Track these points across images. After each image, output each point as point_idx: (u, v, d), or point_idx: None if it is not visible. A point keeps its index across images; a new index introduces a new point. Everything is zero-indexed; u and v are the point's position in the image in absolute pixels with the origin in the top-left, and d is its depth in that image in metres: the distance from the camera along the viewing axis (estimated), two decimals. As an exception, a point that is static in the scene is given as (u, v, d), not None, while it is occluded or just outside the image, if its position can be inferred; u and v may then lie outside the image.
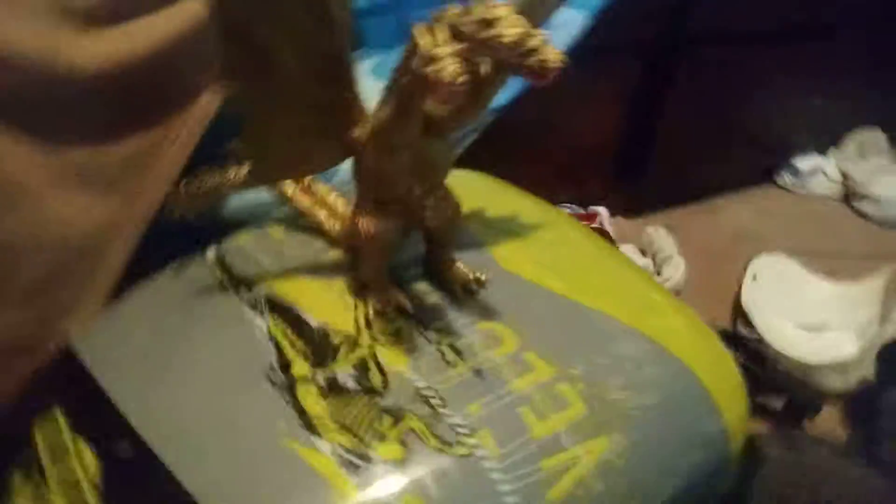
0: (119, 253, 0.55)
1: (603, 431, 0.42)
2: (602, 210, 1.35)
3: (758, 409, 0.96)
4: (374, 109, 0.41)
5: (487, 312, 0.47)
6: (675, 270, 1.22)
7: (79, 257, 0.54)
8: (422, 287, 0.49)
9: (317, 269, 0.50)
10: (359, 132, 0.42)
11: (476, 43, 0.33)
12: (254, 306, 0.47)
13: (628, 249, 1.30)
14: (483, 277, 0.48)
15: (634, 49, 1.33)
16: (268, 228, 0.55)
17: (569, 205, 1.36)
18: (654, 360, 0.47)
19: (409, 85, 0.36)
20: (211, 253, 0.52)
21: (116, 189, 0.55)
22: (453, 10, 0.33)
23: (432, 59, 0.32)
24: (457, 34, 0.33)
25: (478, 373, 0.43)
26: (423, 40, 0.33)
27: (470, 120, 0.41)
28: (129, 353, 0.46)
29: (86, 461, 0.40)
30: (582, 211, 1.33)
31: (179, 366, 0.43)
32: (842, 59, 1.54)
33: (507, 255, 0.53)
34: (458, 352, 0.44)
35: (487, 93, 0.40)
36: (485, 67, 0.37)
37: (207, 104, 0.56)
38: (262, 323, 0.45)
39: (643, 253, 1.31)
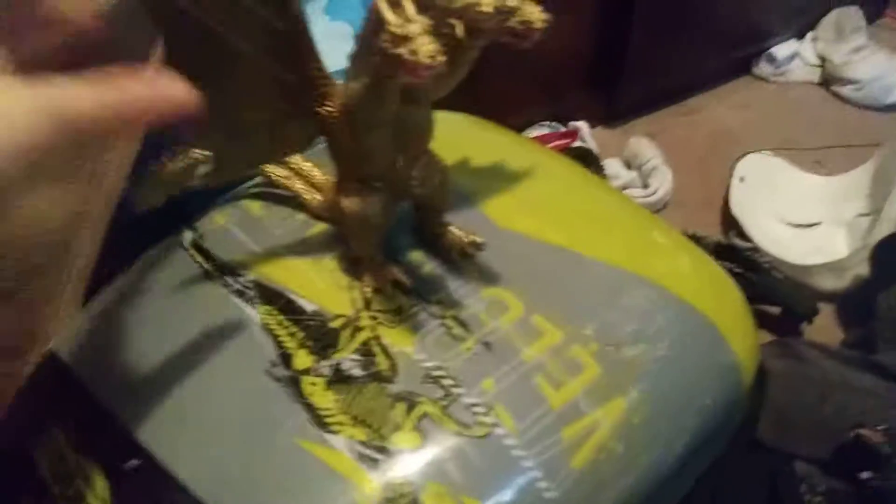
0: (89, 242, 0.53)
1: (619, 391, 0.41)
2: (582, 124, 1.32)
3: (756, 320, 0.97)
4: (346, 82, 0.38)
5: (489, 277, 0.45)
6: (662, 181, 1.21)
7: (50, 249, 0.52)
8: (417, 257, 0.46)
9: (304, 247, 0.48)
10: (330, 108, 0.39)
11: (449, 14, 0.29)
12: (242, 295, 0.44)
13: (613, 164, 1.28)
14: (479, 240, 0.45)
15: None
16: (245, 204, 0.52)
17: (547, 123, 1.33)
18: (662, 306, 0.46)
19: (381, 64, 0.33)
20: (187, 237, 0.49)
21: (77, 176, 0.53)
22: None
23: (404, 39, 0.29)
24: (425, 4, 0.30)
25: (487, 345, 0.41)
26: (390, 16, 0.30)
27: (453, 83, 0.38)
28: (119, 359, 0.43)
29: (93, 481, 0.39)
30: (562, 128, 1.30)
31: (176, 369, 0.41)
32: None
33: (500, 209, 0.50)
34: (463, 325, 0.42)
35: (468, 54, 0.36)
36: (459, 29, 0.34)
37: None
38: (255, 313, 0.43)
39: (628, 166, 1.29)
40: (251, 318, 0.43)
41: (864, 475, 0.61)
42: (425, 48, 0.29)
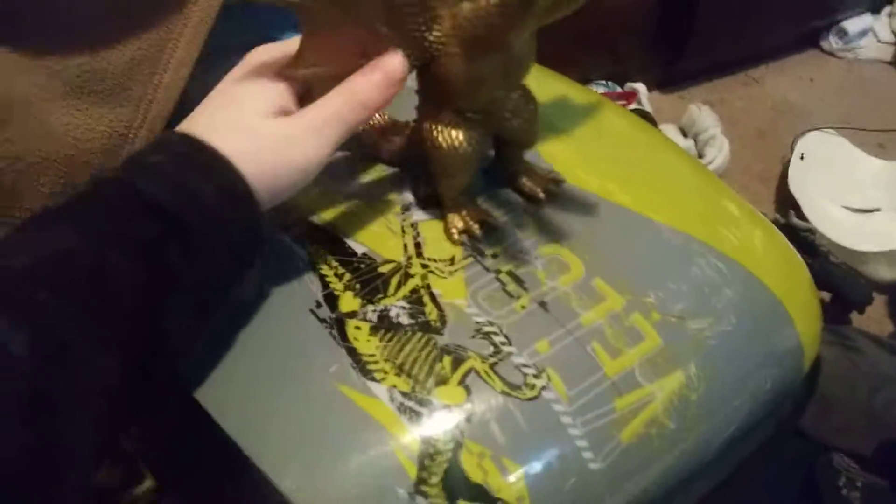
0: None
1: (678, 365, 0.39)
2: (640, 86, 1.27)
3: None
4: (464, 3, 0.35)
5: (550, 234, 0.43)
6: (719, 151, 1.16)
7: (90, 169, 0.51)
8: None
9: (356, 188, 0.45)
10: (438, 33, 0.36)
11: None
12: (288, 231, 0.42)
13: (669, 130, 1.23)
14: (560, 177, 0.44)
15: None
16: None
17: (604, 82, 1.28)
18: (730, 280, 0.43)
19: None
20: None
21: (125, 97, 0.51)
22: None
23: None
24: None
25: (543, 305, 0.39)
26: None
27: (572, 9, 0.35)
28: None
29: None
30: (619, 89, 1.25)
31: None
32: None
33: (565, 163, 0.48)
34: (519, 281, 0.40)
35: None
36: None
37: None
38: (302, 251, 0.41)
39: (684, 133, 1.24)
40: (297, 254, 0.41)
41: (910, 476, 0.59)
42: None
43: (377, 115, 0.47)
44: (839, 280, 0.91)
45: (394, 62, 0.36)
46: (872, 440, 0.63)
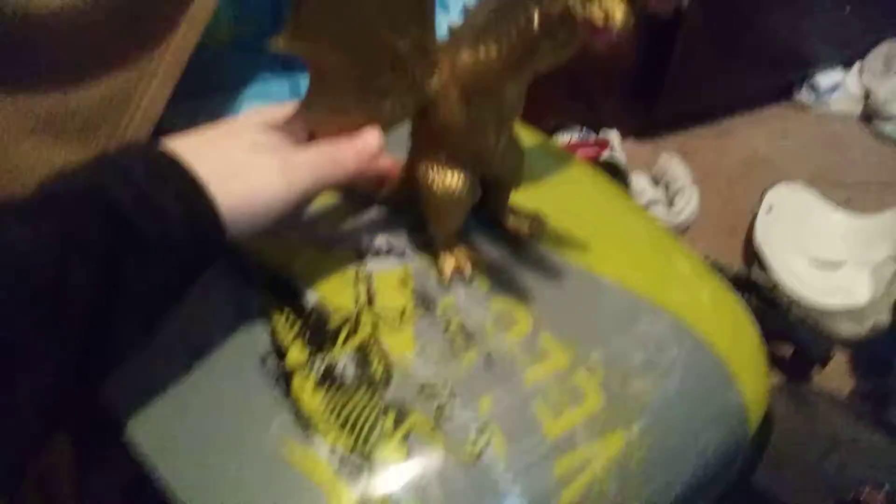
0: None
1: (620, 425, 0.39)
2: (613, 134, 1.29)
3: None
4: (462, 52, 0.36)
5: (500, 288, 0.43)
6: (688, 202, 1.18)
7: None
8: (425, 260, 0.45)
9: (311, 237, 0.46)
10: (436, 81, 0.38)
11: None
12: (244, 275, 0.43)
13: (640, 179, 1.25)
14: (542, 217, 0.46)
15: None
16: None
17: (578, 129, 1.30)
18: (675, 339, 0.44)
19: (543, 26, 0.32)
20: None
21: (95, 136, 0.51)
22: None
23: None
24: None
25: (489, 361, 0.39)
26: None
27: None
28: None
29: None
30: (593, 135, 1.27)
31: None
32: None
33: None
34: (468, 335, 0.41)
35: None
36: None
37: (185, 37, 0.51)
38: (255, 298, 0.41)
39: (655, 182, 1.26)
40: (251, 302, 0.41)
41: (862, 538, 0.59)
42: (619, 11, 0.28)
43: None
44: (800, 335, 0.92)
45: (372, 137, 0.39)
46: (826, 501, 0.63)
